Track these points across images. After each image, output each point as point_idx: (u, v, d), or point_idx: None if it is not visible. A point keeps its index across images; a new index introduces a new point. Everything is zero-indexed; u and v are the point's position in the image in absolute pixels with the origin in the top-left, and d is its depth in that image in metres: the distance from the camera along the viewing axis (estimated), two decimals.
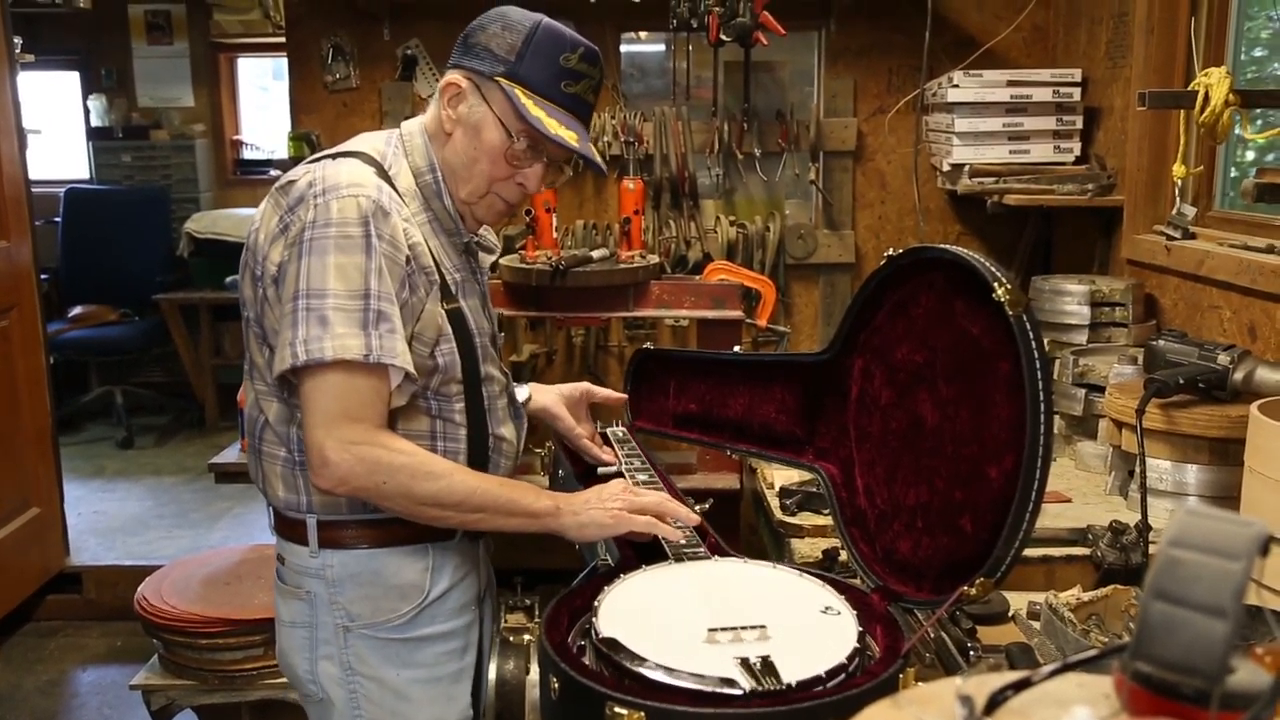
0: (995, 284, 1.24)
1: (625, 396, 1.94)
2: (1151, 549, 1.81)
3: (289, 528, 1.51)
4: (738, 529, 2.87)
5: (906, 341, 1.44)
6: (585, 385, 1.87)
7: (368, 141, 1.52)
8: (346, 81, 3.77)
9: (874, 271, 1.46)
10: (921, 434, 1.40)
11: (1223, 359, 2.04)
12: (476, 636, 1.64)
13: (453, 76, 1.48)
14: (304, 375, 1.36)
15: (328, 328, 1.33)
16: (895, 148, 3.71)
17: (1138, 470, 1.97)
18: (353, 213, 1.36)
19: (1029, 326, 1.21)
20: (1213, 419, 2.00)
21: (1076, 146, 3.19)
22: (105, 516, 4.55)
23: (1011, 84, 3.18)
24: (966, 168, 3.22)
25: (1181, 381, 2.03)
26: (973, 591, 1.24)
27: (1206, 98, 1.99)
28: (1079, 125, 3.18)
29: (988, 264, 1.28)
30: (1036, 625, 1.58)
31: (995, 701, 0.72)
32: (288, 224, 1.39)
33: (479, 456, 1.54)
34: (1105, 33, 3.16)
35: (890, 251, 1.43)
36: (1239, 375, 2.02)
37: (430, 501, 1.39)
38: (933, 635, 1.54)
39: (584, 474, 1.83)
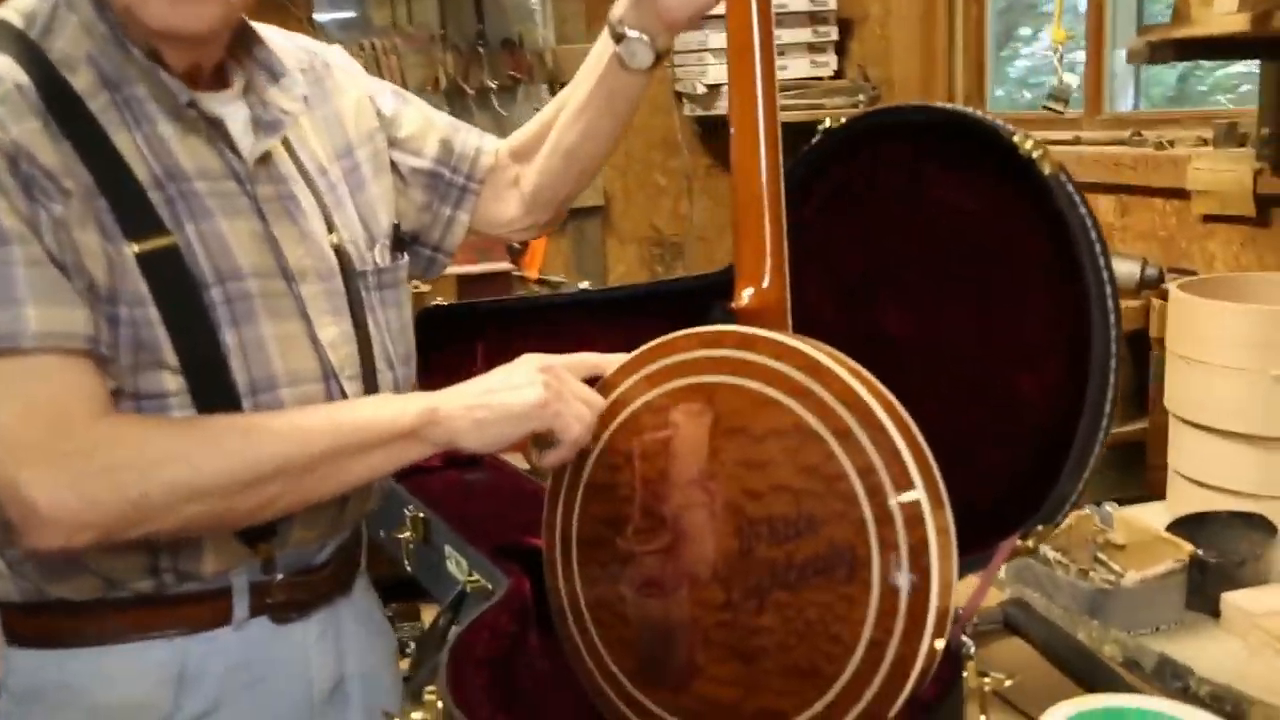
0: (1016, 137, 0.93)
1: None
2: None
3: None
4: None
5: (853, 236, 1.11)
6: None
7: None
8: None
9: (799, 157, 1.11)
10: (893, 352, 1.07)
11: None
12: None
13: None
14: None
15: None
16: None
17: None
18: None
19: (1071, 187, 0.91)
20: None
21: (833, 60, 3.03)
22: None
23: None
24: (722, 88, 2.98)
25: None
26: (1030, 544, 0.93)
27: None
28: (834, 36, 3.02)
29: (986, 117, 0.97)
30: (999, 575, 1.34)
31: None
32: None
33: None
34: None
35: (827, 124, 1.09)
36: None
37: (237, 480, 0.88)
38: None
39: None
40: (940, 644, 0.83)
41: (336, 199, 1.07)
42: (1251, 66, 2.58)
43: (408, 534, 1.36)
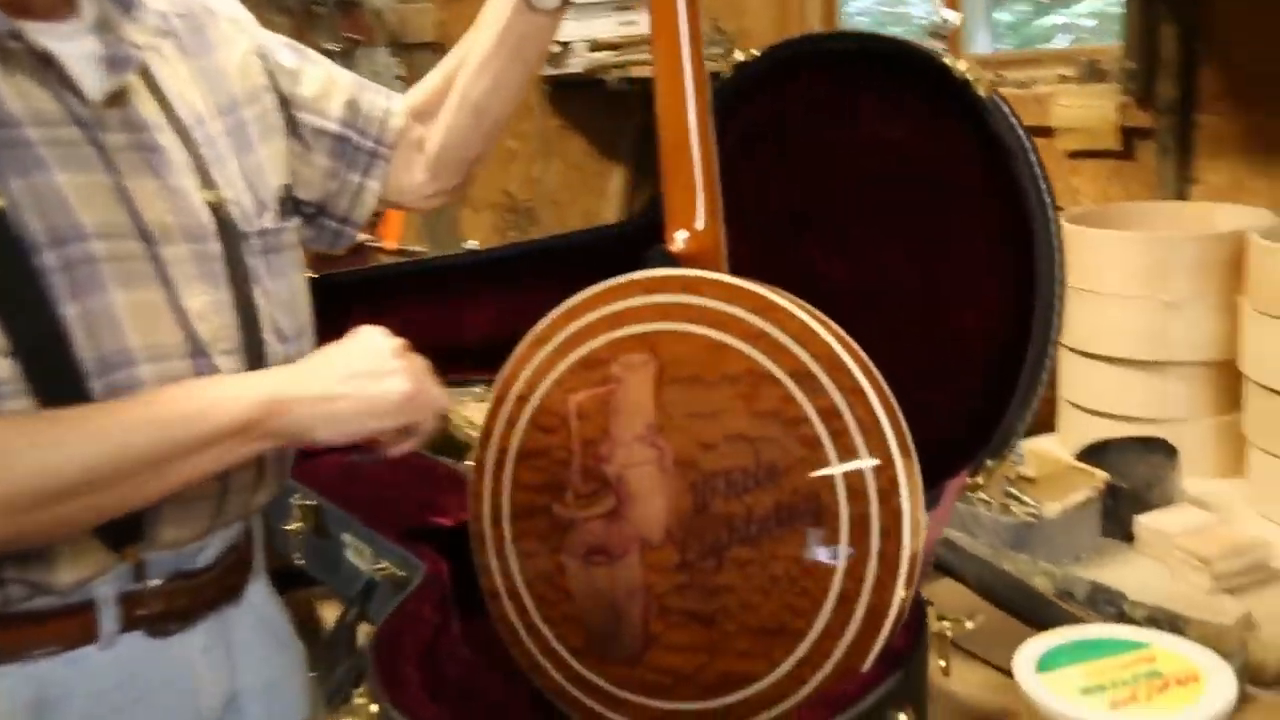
0: (948, 60, 0.89)
1: None
2: None
3: None
4: None
5: (774, 173, 1.06)
6: None
7: None
8: None
9: (715, 91, 1.05)
10: (826, 291, 1.03)
11: None
12: None
13: None
14: None
15: None
16: None
17: None
18: None
19: (1007, 108, 0.88)
20: None
21: None
22: None
23: None
24: (573, 45, 2.90)
25: None
26: (980, 480, 0.91)
27: None
28: None
29: (914, 41, 0.93)
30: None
31: None
32: None
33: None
34: None
35: (738, 56, 1.03)
36: None
37: (38, 491, 0.76)
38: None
39: None
40: (911, 590, 0.80)
41: (217, 154, 0.93)
42: (1070, 15, 2.68)
43: (297, 525, 1.25)
